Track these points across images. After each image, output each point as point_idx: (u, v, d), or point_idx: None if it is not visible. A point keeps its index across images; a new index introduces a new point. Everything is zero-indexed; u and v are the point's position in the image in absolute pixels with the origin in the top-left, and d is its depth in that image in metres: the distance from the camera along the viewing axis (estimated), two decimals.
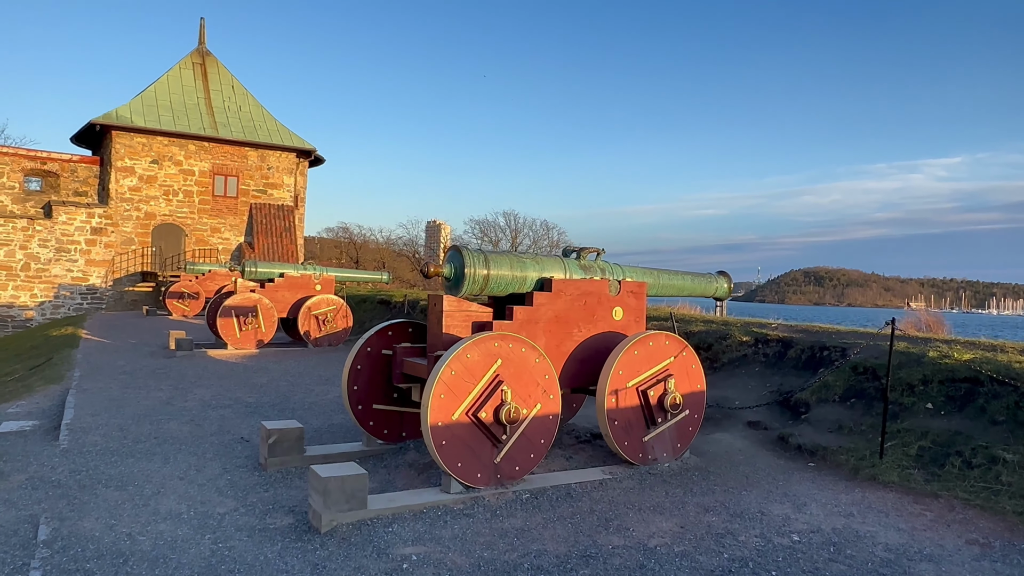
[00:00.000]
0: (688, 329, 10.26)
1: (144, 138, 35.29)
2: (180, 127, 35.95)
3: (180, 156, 36.15)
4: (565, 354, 6.65)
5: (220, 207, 37.32)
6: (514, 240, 70.56)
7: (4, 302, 32.44)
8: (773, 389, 8.33)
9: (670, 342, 6.72)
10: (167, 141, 35.72)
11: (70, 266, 33.64)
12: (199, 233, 36.74)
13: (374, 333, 7.03)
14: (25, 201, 34.38)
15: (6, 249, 32.20)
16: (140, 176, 35.15)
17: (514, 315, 6.35)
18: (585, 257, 7.11)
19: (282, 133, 39.06)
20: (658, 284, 7.67)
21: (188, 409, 9.41)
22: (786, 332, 9.41)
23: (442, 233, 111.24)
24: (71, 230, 33.66)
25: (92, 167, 36.25)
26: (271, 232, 37.97)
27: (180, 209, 36.32)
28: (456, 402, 5.49)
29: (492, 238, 71.26)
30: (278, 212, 38.54)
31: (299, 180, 40.82)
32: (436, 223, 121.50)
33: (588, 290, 6.76)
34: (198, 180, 36.57)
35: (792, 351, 8.82)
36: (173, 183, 36.04)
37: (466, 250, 6.38)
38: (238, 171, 37.75)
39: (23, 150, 35.06)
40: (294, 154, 39.18)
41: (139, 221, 35.15)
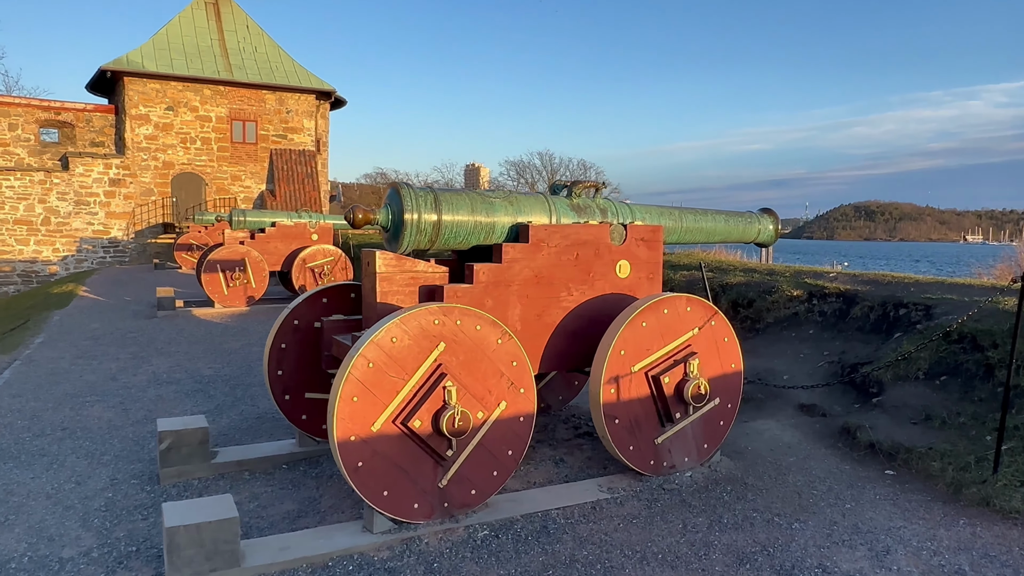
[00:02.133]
0: (724, 281, 8.39)
1: (158, 84, 33.90)
2: (194, 71, 34.41)
3: (196, 102, 34.72)
4: (550, 326, 4.93)
5: (239, 154, 35.96)
6: (551, 181, 68.23)
7: (28, 257, 31.91)
8: (832, 359, 6.49)
9: (693, 308, 4.93)
10: (181, 86, 34.28)
11: (90, 219, 32.84)
12: (219, 181, 35.54)
13: (304, 300, 5.39)
14: (42, 153, 33.47)
15: (25, 203, 31.48)
16: (156, 124, 33.91)
17: (474, 276, 4.63)
18: (579, 194, 5.30)
19: (300, 74, 37.26)
20: (680, 228, 5.83)
21: (130, 386, 8.02)
22: (848, 284, 7.48)
23: (480, 176, 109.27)
24: (89, 182, 32.75)
25: (108, 116, 35.06)
26: (292, 179, 36.56)
27: (199, 157, 35.08)
28: (377, 407, 3.84)
29: (528, 179, 69.15)
30: (299, 157, 37.03)
31: (320, 123, 39.18)
32: (474, 166, 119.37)
33: (581, 238, 4.98)
34: (215, 126, 35.18)
35: (857, 309, 6.92)
36: (190, 130, 34.72)
37: (407, 189, 4.65)
38: (256, 116, 36.23)
39: (36, 100, 34.00)
40: (313, 96, 37.42)
41: (157, 171, 34.05)
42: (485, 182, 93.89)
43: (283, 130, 36.58)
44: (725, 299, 7.99)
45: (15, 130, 32.65)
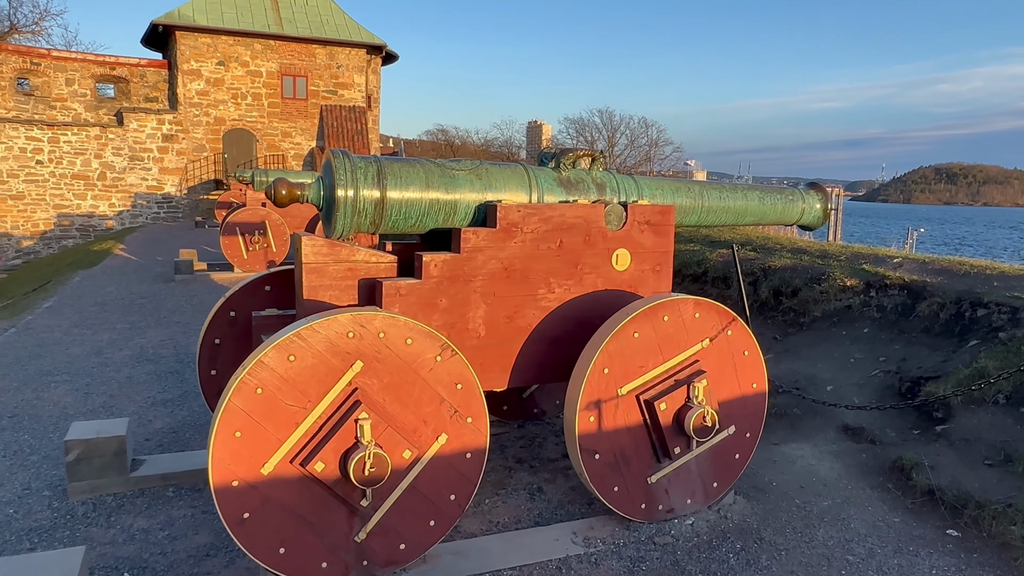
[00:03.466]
0: (766, 264, 7.21)
1: (208, 38, 33.60)
2: (244, 24, 33.96)
3: (246, 56, 34.34)
4: (524, 331, 3.98)
5: (290, 110, 35.57)
6: (611, 140, 66.24)
7: (85, 212, 32.40)
8: (890, 368, 5.34)
9: (703, 313, 3.89)
10: (232, 41, 33.90)
11: (144, 175, 33.07)
12: (270, 138, 35.29)
13: (242, 288, 4.57)
14: (98, 108, 33.70)
15: (82, 159, 31.83)
16: (207, 79, 33.71)
17: (424, 269, 3.70)
18: (568, 165, 4.28)
19: (351, 28, 36.43)
20: (700, 207, 4.75)
21: (107, 364, 7.45)
22: (915, 273, 6.24)
23: (543, 133, 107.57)
24: (143, 137, 32.90)
25: (161, 71, 35.02)
26: (342, 135, 36.03)
27: (249, 113, 34.84)
28: (269, 444, 2.99)
29: (588, 137, 67.18)
30: (349, 114, 36.41)
31: (371, 79, 38.43)
32: (537, 123, 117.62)
33: (566, 222, 3.99)
34: (266, 82, 34.79)
35: (924, 305, 5.71)
36: (241, 85, 34.43)
37: (342, 159, 3.74)
38: (306, 71, 35.67)
39: (91, 55, 34.16)
40: (364, 51, 36.60)
41: (209, 127, 33.98)
42: (547, 139, 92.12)
43: (333, 86, 35.95)
44: (766, 286, 6.86)
45: (72, 85, 32.90)
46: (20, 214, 31.17)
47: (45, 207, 31.57)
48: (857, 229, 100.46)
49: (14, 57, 31.44)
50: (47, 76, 32.07)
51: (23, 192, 30.66)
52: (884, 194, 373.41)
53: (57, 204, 31.62)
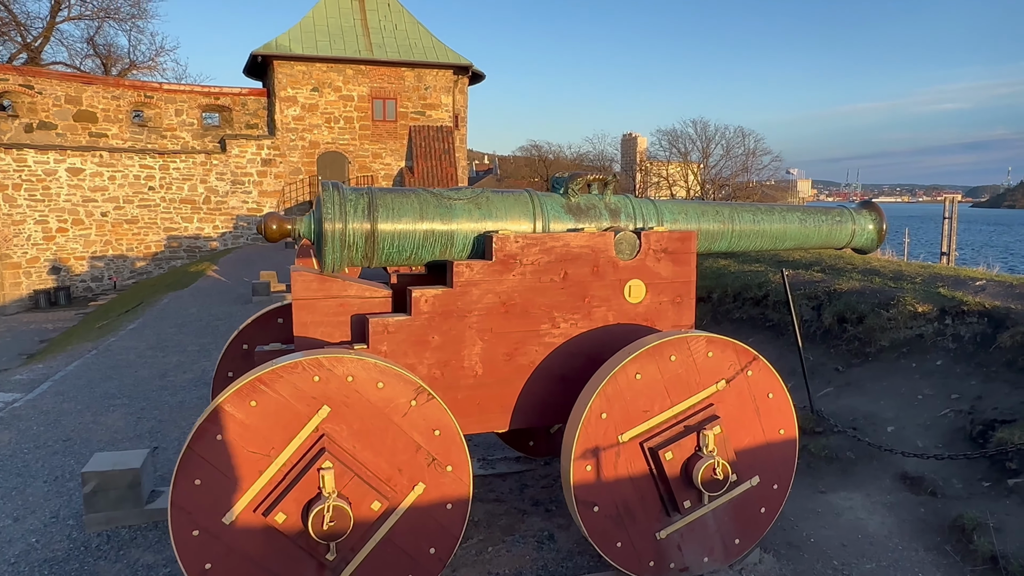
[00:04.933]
0: (832, 287, 6.62)
1: (304, 66, 35.14)
2: (336, 51, 35.32)
3: (339, 82, 35.67)
4: (525, 369, 3.74)
5: (380, 131, 36.62)
6: (705, 151, 64.63)
7: (191, 234, 34.37)
8: (961, 408, 4.73)
9: (717, 352, 3.53)
10: (325, 67, 35.32)
11: (244, 198, 34.77)
12: (361, 159, 36.45)
13: (254, 321, 4.56)
14: (203, 136, 35.77)
15: (189, 184, 33.81)
16: (302, 105, 35.22)
17: (415, 305, 3.54)
18: (577, 191, 4.01)
19: (437, 49, 37.22)
20: (730, 232, 4.36)
21: (167, 387, 7.72)
22: (999, 298, 5.56)
23: (638, 146, 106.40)
24: (244, 162, 34.64)
25: (260, 99, 36.85)
26: (430, 155, 36.77)
27: (342, 136, 36.11)
28: (231, 492, 2.89)
29: (681, 149, 65.74)
30: (436, 134, 37.14)
31: (458, 99, 39.07)
32: (632, 135, 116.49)
33: (571, 251, 3.73)
34: (357, 105, 35.99)
35: (1006, 336, 5.05)
36: (334, 110, 35.78)
37: (331, 191, 3.65)
38: (396, 93, 36.67)
39: (198, 87, 36.34)
40: (451, 71, 37.28)
41: (304, 150, 35.45)
42: (642, 151, 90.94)
43: (421, 106, 36.77)
44: (830, 311, 6.28)
45: (180, 115, 35.07)
46: (134, 237, 33.35)
47: (156, 230, 33.68)
48: (975, 238, 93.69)
49: (130, 92, 33.86)
50: (159, 108, 34.32)
51: (137, 216, 32.81)
52: (1011, 199, 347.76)
53: (167, 227, 33.68)
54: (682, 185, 65.46)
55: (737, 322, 7.31)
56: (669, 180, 67.73)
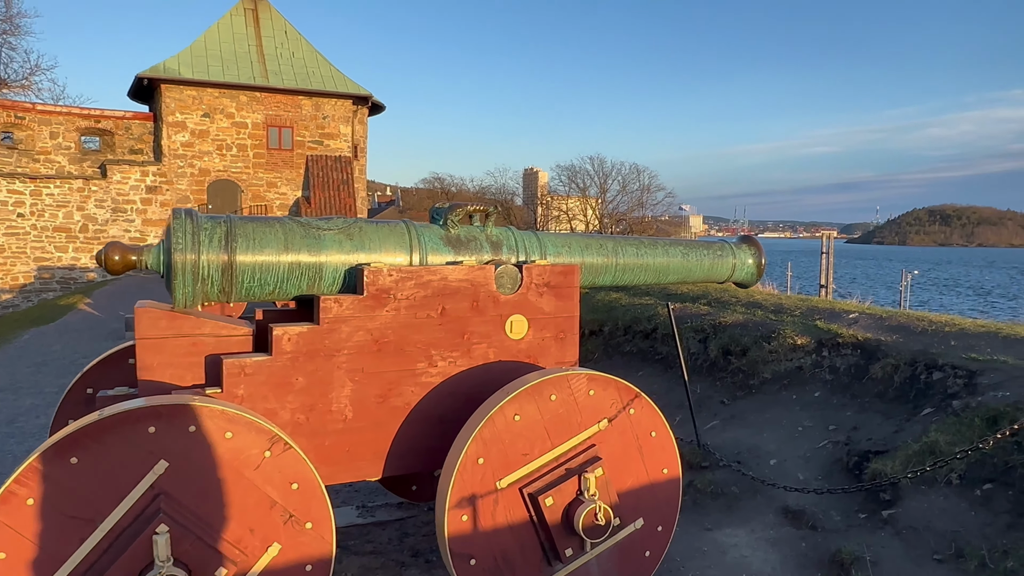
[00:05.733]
0: (718, 320, 6.73)
1: (194, 91, 33.75)
2: (230, 77, 34.14)
3: (232, 108, 34.46)
4: (400, 411, 3.50)
5: (275, 160, 35.56)
6: (603, 187, 66.46)
7: (66, 264, 32.04)
8: (839, 439, 4.83)
9: (599, 390, 3.41)
10: (218, 93, 34.06)
11: (127, 226, 32.81)
12: (255, 188, 35.19)
13: (100, 362, 4.10)
14: (82, 161, 33.63)
15: (64, 211, 31.60)
16: (192, 131, 33.75)
17: (276, 344, 3.24)
18: (457, 222, 3.84)
19: (336, 79, 36.67)
20: (613, 265, 4.30)
21: (18, 433, 6.96)
22: (871, 330, 5.77)
23: (539, 180, 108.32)
24: (126, 189, 32.76)
25: (146, 123, 35.06)
26: (328, 185, 35.99)
27: (235, 164, 34.79)
28: (44, 567, 2.48)
29: (580, 184, 67.34)
30: (335, 164, 36.44)
31: (357, 129, 38.56)
32: (533, 170, 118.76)
33: (449, 285, 3.54)
34: (251, 133, 34.83)
35: (877, 367, 5.23)
36: (226, 137, 34.47)
37: (183, 219, 3.32)
38: (292, 122, 35.79)
39: (77, 108, 34.23)
40: (350, 101, 36.78)
41: (193, 178, 33.89)
42: (543, 186, 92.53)
43: (319, 136, 36.02)
44: (715, 344, 6.37)
45: (56, 138, 32.87)
46: (0, 267, 30.77)
47: (25, 260, 31.18)
48: (852, 271, 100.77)
49: None
50: (31, 129, 32.04)
51: (3, 245, 30.31)
52: (879, 236, 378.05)
53: (38, 257, 31.25)
54: (581, 219, 67.04)
55: (628, 355, 7.32)
56: (569, 214, 69.21)
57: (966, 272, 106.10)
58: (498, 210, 4.08)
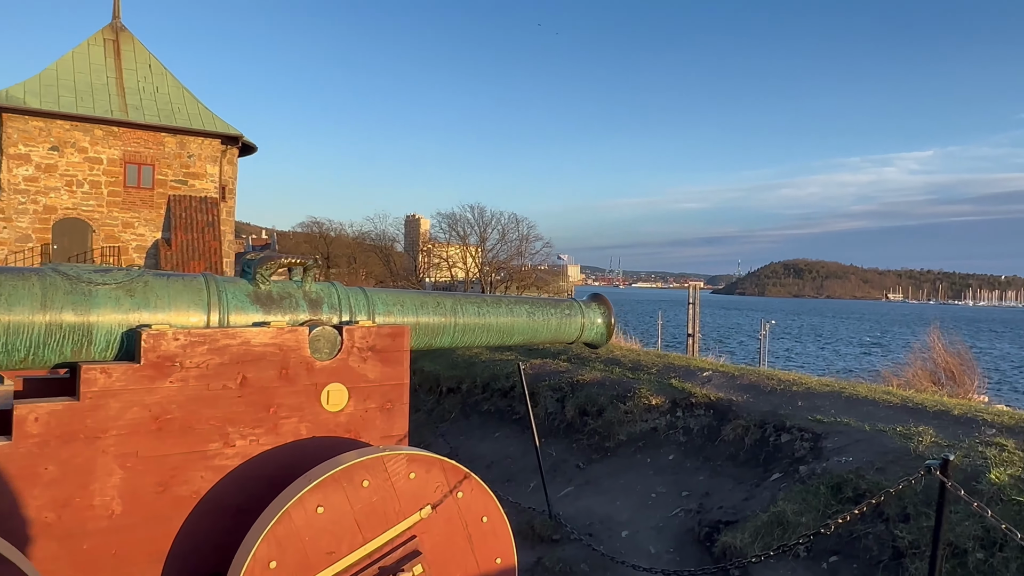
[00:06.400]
0: (575, 378, 6.51)
1: (41, 122, 31.20)
2: (84, 109, 31.80)
3: (85, 142, 32.07)
4: (186, 502, 2.94)
5: (133, 199, 33.27)
6: (483, 235, 66.93)
7: None
8: (691, 507, 4.63)
9: (421, 472, 3.00)
10: (69, 125, 31.62)
11: None
12: (108, 228, 32.66)
13: None
14: None
15: None
16: (37, 165, 31.05)
17: (18, 425, 2.62)
18: (268, 277, 3.36)
19: (204, 116, 35.05)
20: (452, 325, 3.93)
21: None
22: (723, 389, 5.71)
23: (421, 227, 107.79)
24: None
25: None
26: (192, 227, 34.01)
27: (86, 202, 32.23)
28: None
29: (460, 232, 67.41)
30: (200, 205, 34.56)
31: (226, 169, 36.87)
32: (415, 217, 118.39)
33: (252, 350, 3.04)
34: (107, 169, 32.47)
35: (728, 429, 5.13)
36: (77, 172, 31.93)
37: None
38: (154, 159, 33.72)
39: None
40: (218, 141, 35.17)
41: (37, 215, 31.05)
42: (425, 233, 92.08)
43: (184, 175, 34.11)
44: (572, 403, 6.13)
45: None
46: None
47: None
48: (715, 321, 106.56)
49: None
50: None
51: None
52: (741, 287, 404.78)
53: None
54: (461, 267, 66.96)
55: (486, 415, 6.95)
56: (449, 262, 68.98)
57: (820, 322, 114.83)
58: (319, 263, 3.63)
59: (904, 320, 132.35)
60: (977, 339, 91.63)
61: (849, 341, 68.90)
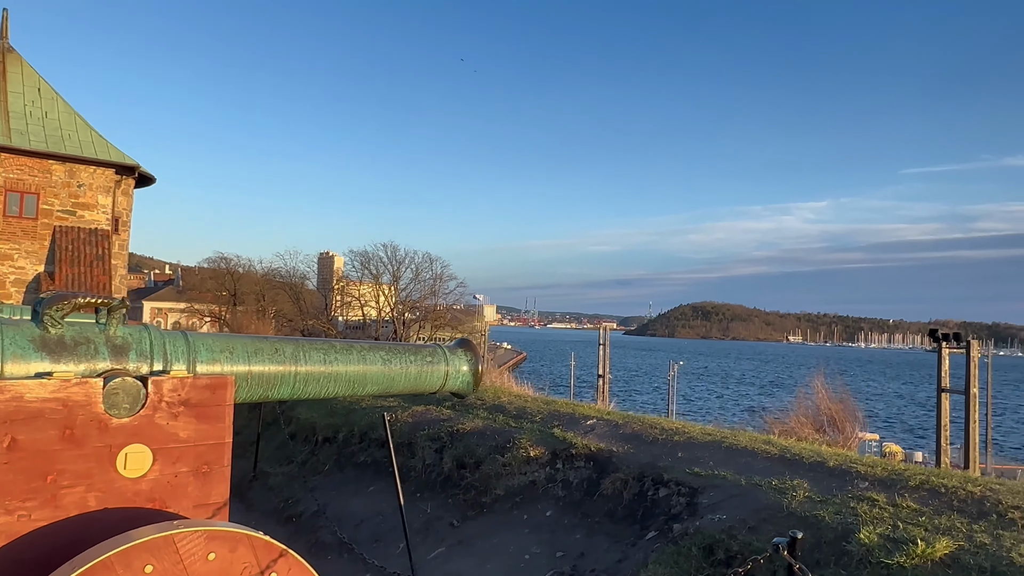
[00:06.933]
0: (456, 427, 6.13)
1: None
2: None
3: None
4: None
5: (14, 230, 31.11)
6: (396, 274, 66.07)
7: None
8: (564, 569, 4.30)
9: (222, 551, 2.55)
10: None
11: None
12: None
13: None
14: None
15: None
16: None
17: None
18: (60, 319, 2.87)
19: (97, 144, 33.36)
20: (292, 375, 3.50)
21: None
22: (605, 439, 5.46)
23: (335, 265, 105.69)
24: None
25: None
26: (79, 260, 31.98)
27: None
28: None
29: (373, 271, 66.23)
30: (89, 237, 32.63)
31: (121, 201, 35.06)
32: (329, 254, 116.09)
33: (26, 408, 2.54)
34: None
35: (607, 482, 4.86)
36: None
37: None
38: (39, 188, 31.70)
39: None
40: (113, 170, 33.40)
41: None
42: (339, 271, 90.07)
43: (72, 206, 32.18)
44: (450, 455, 5.74)
45: None
46: None
47: None
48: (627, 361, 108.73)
49: None
50: None
51: None
52: (652, 329, 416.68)
53: None
54: (374, 306, 65.60)
55: (361, 467, 6.46)
56: (361, 301, 67.48)
57: (726, 363, 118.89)
58: (126, 303, 3.15)
59: (803, 361, 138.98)
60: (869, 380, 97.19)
61: (752, 382, 71.89)
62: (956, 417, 16.53)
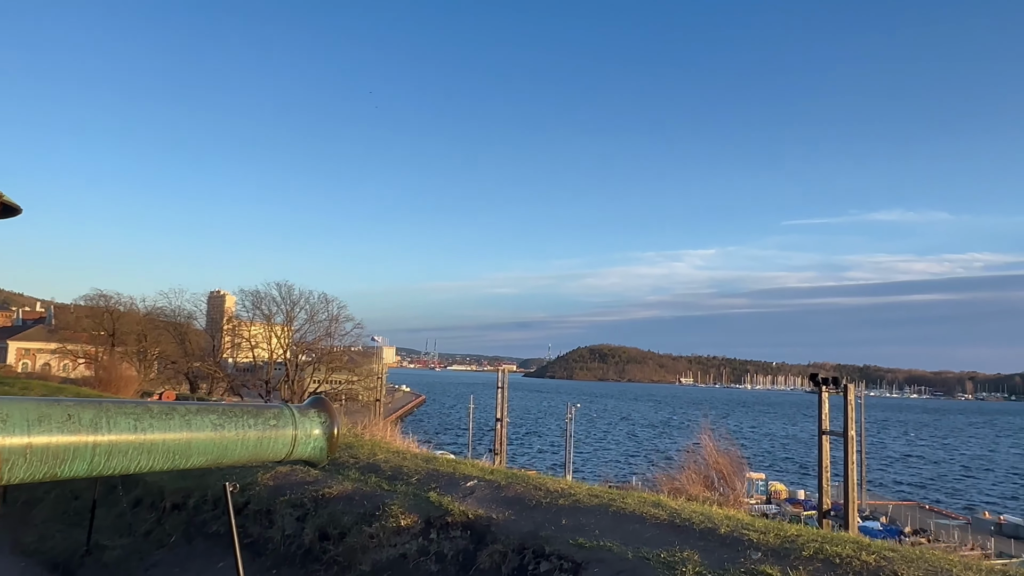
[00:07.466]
0: (322, 492, 5.48)
1: None
2: None
3: None
4: None
5: None
6: (290, 315, 63.68)
7: None
8: None
9: None
10: None
11: None
12: None
13: None
14: None
15: None
16: None
17: None
18: None
19: None
20: (91, 447, 2.84)
21: None
22: (485, 503, 4.98)
23: (226, 304, 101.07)
24: None
25: None
26: None
27: None
28: None
29: (265, 311, 63.50)
30: None
31: None
32: (219, 293, 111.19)
33: None
34: None
35: (485, 556, 4.36)
36: None
37: None
38: None
39: None
40: None
41: None
42: (230, 310, 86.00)
43: None
44: (312, 525, 5.10)
45: None
46: None
47: None
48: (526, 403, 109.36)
49: None
50: None
51: None
52: (551, 371, 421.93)
53: None
54: (265, 348, 62.65)
55: (214, 538, 5.68)
56: (252, 342, 64.35)
57: (622, 404, 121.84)
58: None
59: (695, 402, 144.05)
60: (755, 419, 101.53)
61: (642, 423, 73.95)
62: (835, 456, 17.33)
